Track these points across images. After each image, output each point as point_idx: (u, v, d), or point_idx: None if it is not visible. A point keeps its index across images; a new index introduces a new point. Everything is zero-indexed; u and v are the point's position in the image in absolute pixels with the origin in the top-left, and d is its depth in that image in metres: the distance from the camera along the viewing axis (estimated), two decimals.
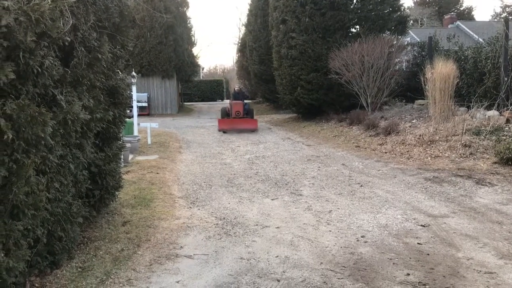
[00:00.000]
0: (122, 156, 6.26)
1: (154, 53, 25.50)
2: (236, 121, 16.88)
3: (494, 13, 46.01)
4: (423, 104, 13.68)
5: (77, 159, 4.08)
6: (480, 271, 4.12)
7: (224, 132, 16.42)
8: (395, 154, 10.61)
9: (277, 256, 4.53)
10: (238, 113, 17.18)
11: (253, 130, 16.67)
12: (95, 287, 3.80)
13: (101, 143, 4.98)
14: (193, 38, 29.74)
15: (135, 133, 12.48)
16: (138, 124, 13.01)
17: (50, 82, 3.45)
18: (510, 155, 8.31)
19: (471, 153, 9.34)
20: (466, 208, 6.24)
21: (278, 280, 3.95)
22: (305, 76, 17.78)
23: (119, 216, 5.77)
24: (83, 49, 3.95)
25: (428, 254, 4.56)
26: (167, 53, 25.62)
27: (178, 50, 26.24)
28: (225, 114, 18.21)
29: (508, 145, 8.48)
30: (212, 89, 42.99)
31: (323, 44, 17.25)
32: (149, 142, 12.80)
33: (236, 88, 19.07)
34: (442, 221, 5.66)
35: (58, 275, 3.95)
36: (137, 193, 7.01)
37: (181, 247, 4.80)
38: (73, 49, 3.85)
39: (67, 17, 3.54)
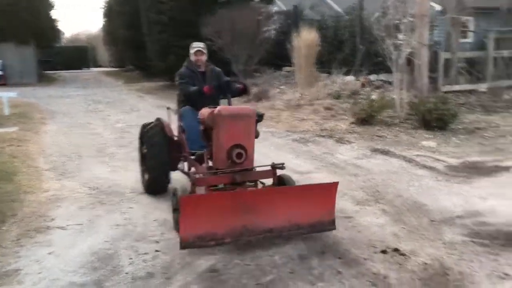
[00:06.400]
0: None
1: (5, 17, 22.75)
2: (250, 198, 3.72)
3: None
4: (290, 71, 14.43)
5: None
6: (341, 216, 4.61)
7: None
8: (266, 118, 11.10)
9: (155, 220, 4.56)
10: (240, 155, 4.04)
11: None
12: None
13: None
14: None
15: None
16: None
17: None
18: (364, 116, 9.28)
19: (332, 115, 10.21)
20: (328, 164, 6.88)
21: (157, 242, 4.00)
22: (177, 43, 17.46)
23: None
24: None
25: None
26: (21, 16, 23.07)
27: (34, 13, 23.81)
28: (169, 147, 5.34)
29: (362, 107, 9.45)
30: (76, 57, 40.27)
31: (193, 10, 17.05)
32: (6, 113, 11.63)
33: (199, 58, 5.43)
34: (308, 176, 6.17)
35: None
36: None
37: (52, 219, 4.57)
38: None
39: None
